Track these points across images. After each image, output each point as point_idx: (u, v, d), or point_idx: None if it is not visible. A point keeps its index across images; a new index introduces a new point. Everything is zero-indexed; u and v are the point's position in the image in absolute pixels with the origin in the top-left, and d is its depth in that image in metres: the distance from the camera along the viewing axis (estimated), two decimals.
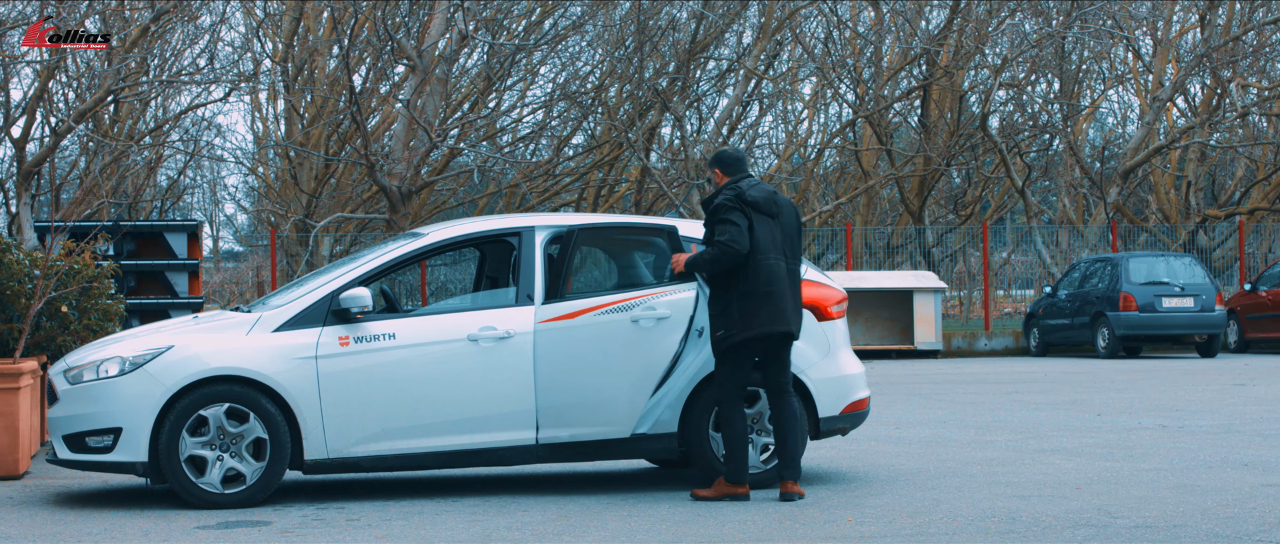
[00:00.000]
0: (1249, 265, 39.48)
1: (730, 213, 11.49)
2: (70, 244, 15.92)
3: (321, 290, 11.72)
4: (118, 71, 29.05)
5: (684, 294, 11.80)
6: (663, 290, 11.83)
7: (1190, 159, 44.29)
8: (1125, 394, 20.83)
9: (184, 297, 21.02)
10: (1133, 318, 30.68)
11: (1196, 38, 43.28)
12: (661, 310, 11.75)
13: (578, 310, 11.77)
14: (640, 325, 11.71)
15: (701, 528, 10.29)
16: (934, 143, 42.69)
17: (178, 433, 11.25)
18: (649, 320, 11.74)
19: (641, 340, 11.74)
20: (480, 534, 10.16)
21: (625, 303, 11.76)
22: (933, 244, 43.49)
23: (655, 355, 11.76)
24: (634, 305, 11.74)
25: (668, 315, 11.76)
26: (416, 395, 11.58)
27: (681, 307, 11.77)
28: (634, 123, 38.25)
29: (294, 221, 36.78)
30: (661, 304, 11.77)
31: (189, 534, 10.33)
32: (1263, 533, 9.82)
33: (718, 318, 11.51)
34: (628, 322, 11.75)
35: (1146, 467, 12.99)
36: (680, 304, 11.77)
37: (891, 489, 11.96)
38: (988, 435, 15.60)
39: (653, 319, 11.74)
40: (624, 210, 45.91)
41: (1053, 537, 9.83)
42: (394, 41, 30.35)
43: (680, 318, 11.77)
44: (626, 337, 11.73)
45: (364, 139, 30.00)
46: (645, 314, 11.74)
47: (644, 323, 11.73)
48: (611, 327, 11.75)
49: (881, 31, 44.53)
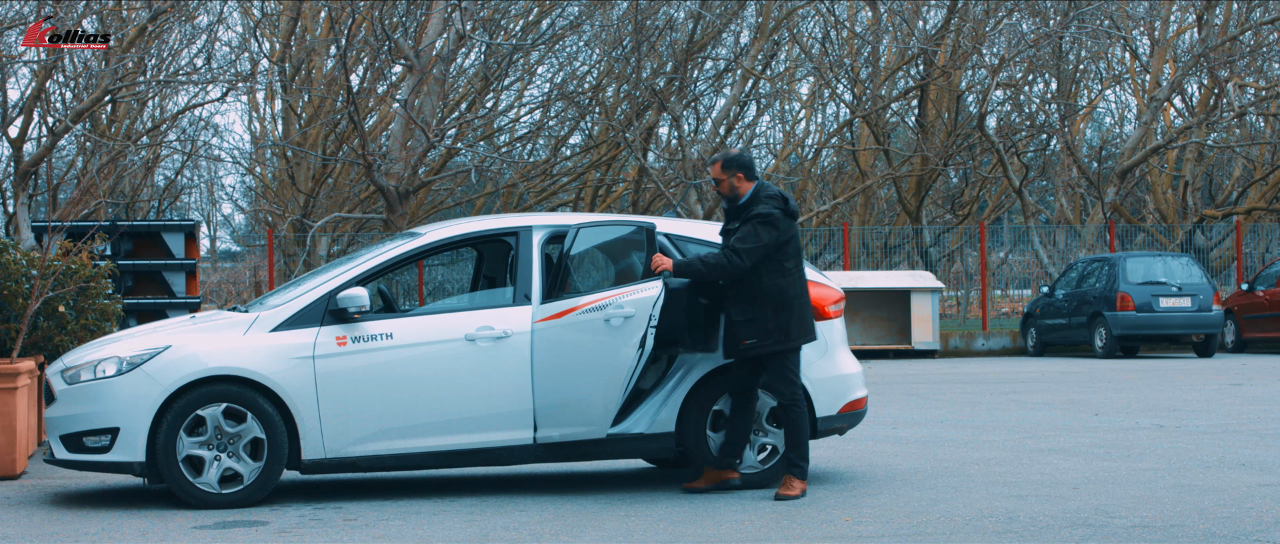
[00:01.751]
0: (1246, 265, 39.49)
1: (775, 223, 11.57)
2: (67, 244, 15.92)
3: (319, 290, 11.72)
4: (115, 71, 29.02)
5: (646, 293, 11.61)
6: (631, 288, 11.66)
7: (1187, 159, 44.30)
8: (1122, 394, 20.83)
9: (181, 296, 21.02)
10: (1130, 318, 30.68)
11: (1194, 38, 43.28)
12: (628, 309, 11.47)
13: (566, 309, 11.75)
14: (610, 325, 11.54)
15: (699, 527, 10.29)
16: (931, 143, 42.70)
17: (175, 433, 11.25)
18: (618, 319, 11.51)
19: (616, 338, 11.62)
20: (478, 534, 10.16)
21: (602, 302, 11.60)
22: (930, 244, 43.51)
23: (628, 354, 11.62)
24: (606, 305, 11.57)
25: (633, 314, 11.47)
26: (414, 395, 11.58)
27: (643, 304, 11.61)
28: (631, 123, 38.23)
29: (291, 221, 36.76)
30: (628, 302, 11.49)
31: (186, 534, 10.33)
32: (1260, 532, 9.82)
33: (746, 325, 11.58)
34: (603, 320, 11.59)
35: (1144, 466, 13.00)
36: (643, 303, 11.55)
37: (889, 489, 11.96)
38: (985, 435, 15.60)
39: (621, 318, 11.50)
40: (622, 210, 45.89)
41: (1050, 536, 9.83)
42: (391, 41, 30.33)
43: (642, 317, 11.61)
44: (613, 335, 11.65)
45: (361, 139, 29.97)
46: (614, 313, 11.50)
47: (614, 321, 11.53)
48: (599, 325, 11.71)
49: (879, 31, 44.54)
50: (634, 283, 11.64)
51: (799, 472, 11.61)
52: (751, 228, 11.56)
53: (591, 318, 11.56)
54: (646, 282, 11.59)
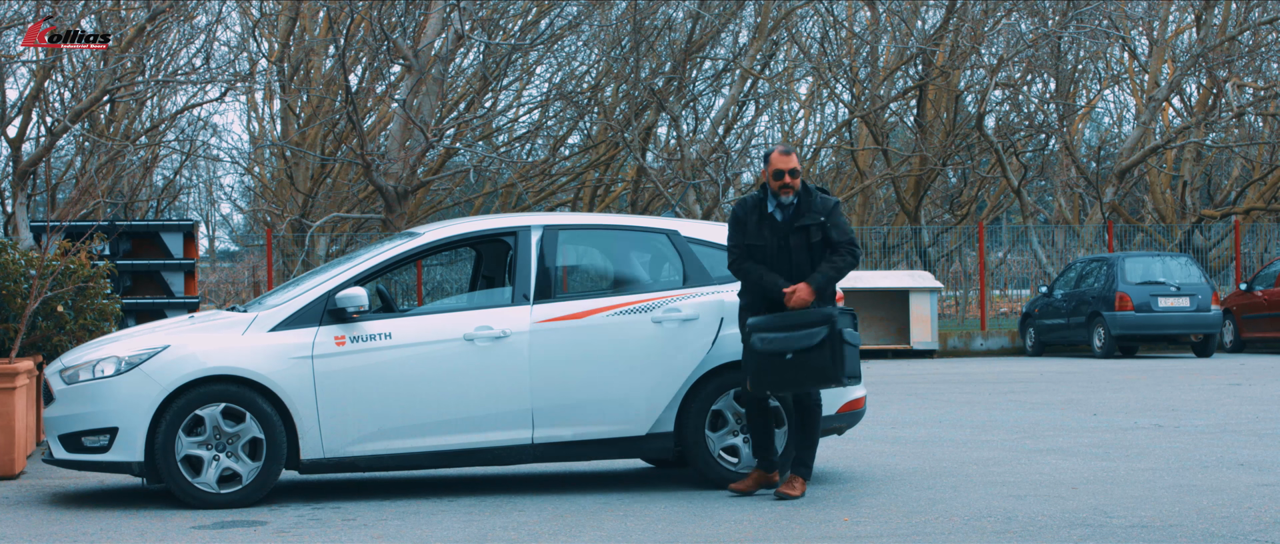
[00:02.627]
0: (1245, 265, 39.50)
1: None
2: (66, 244, 15.91)
3: (317, 290, 11.73)
4: (113, 71, 29.03)
5: (704, 299, 12.06)
6: (671, 294, 12.03)
7: (1186, 159, 44.29)
8: (1121, 394, 20.83)
9: (180, 296, 21.01)
10: (1129, 318, 30.68)
11: (1192, 38, 43.27)
12: (687, 312, 11.97)
13: (576, 312, 11.84)
14: (659, 326, 11.90)
15: (698, 527, 10.29)
16: (930, 142, 42.71)
17: (174, 433, 11.25)
18: (673, 323, 11.91)
19: (650, 342, 11.86)
20: (476, 534, 10.16)
21: (629, 306, 11.90)
22: (929, 244, 43.49)
23: (663, 357, 11.90)
24: (654, 306, 11.95)
25: (695, 317, 11.97)
26: (412, 395, 11.59)
27: (708, 309, 12.04)
28: (630, 122, 38.24)
29: (290, 221, 36.75)
30: (687, 306, 11.99)
31: (185, 534, 10.33)
32: (1259, 532, 9.82)
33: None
34: (626, 323, 11.83)
35: (1143, 466, 13.00)
36: (707, 307, 12.05)
37: (887, 489, 11.96)
38: (984, 435, 15.60)
39: (677, 320, 11.92)
40: (620, 210, 45.89)
41: (1049, 536, 9.83)
42: (390, 41, 30.34)
43: (709, 320, 11.98)
44: (625, 337, 11.80)
45: (360, 139, 29.98)
46: (668, 315, 11.92)
47: (666, 324, 11.91)
48: (610, 328, 11.80)
49: (877, 31, 44.56)
50: (649, 288, 11.92)
51: (805, 472, 11.61)
52: (841, 217, 11.62)
53: (613, 320, 11.79)
54: (702, 287, 12.09)
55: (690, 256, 12.28)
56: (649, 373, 11.90)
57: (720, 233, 12.52)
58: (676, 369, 11.92)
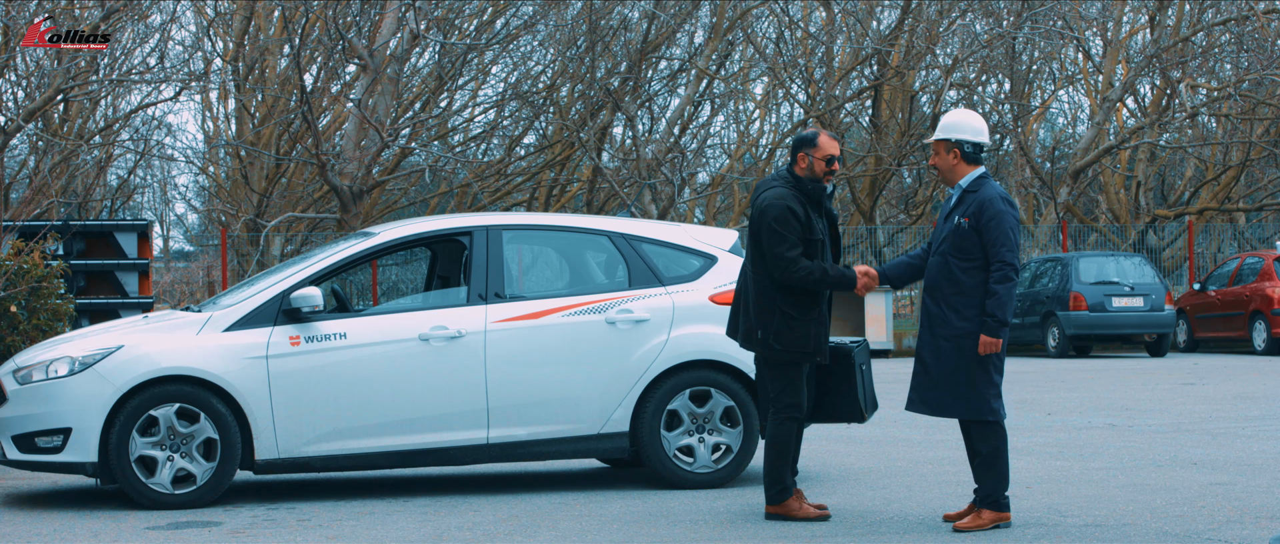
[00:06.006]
0: (1198, 265, 39.66)
1: None
2: (19, 244, 15.86)
3: (272, 290, 11.71)
4: (67, 70, 28.90)
5: (657, 300, 12.11)
6: (625, 294, 12.12)
7: (1140, 159, 44.47)
8: (1075, 393, 20.91)
9: (134, 296, 20.94)
10: (1083, 317, 30.79)
11: (1146, 38, 43.44)
12: (641, 312, 12.02)
13: (531, 313, 11.87)
14: (613, 327, 11.97)
15: (653, 528, 10.30)
16: (885, 143, 42.77)
17: (128, 433, 11.22)
18: (627, 323, 11.98)
19: (604, 342, 11.94)
20: (432, 534, 10.15)
21: (584, 306, 11.95)
22: (884, 244, 43.57)
23: (618, 357, 11.95)
24: (608, 307, 12.03)
25: (648, 318, 12.03)
26: (368, 395, 11.58)
27: (661, 310, 12.09)
28: (586, 122, 38.22)
29: (245, 221, 36.62)
30: (640, 307, 12.05)
31: (139, 535, 10.30)
32: (1212, 531, 9.87)
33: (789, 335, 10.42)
34: (581, 324, 11.86)
35: (1096, 466, 13.05)
36: (660, 308, 12.10)
37: (842, 488, 11.99)
38: (938, 435, 15.63)
39: (631, 321, 11.99)
40: (576, 210, 45.87)
41: (1002, 536, 9.86)
42: (345, 41, 30.26)
43: (662, 320, 12.04)
44: (579, 338, 11.84)
45: (315, 139, 29.88)
46: (622, 316, 11.99)
47: (621, 324, 11.97)
48: (564, 328, 11.83)
49: (833, 31, 44.59)
50: (604, 289, 11.99)
51: None
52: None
53: (570, 320, 11.80)
54: (655, 287, 12.17)
55: (645, 258, 12.29)
56: (604, 373, 11.92)
57: (675, 233, 12.55)
58: (631, 369, 11.94)
